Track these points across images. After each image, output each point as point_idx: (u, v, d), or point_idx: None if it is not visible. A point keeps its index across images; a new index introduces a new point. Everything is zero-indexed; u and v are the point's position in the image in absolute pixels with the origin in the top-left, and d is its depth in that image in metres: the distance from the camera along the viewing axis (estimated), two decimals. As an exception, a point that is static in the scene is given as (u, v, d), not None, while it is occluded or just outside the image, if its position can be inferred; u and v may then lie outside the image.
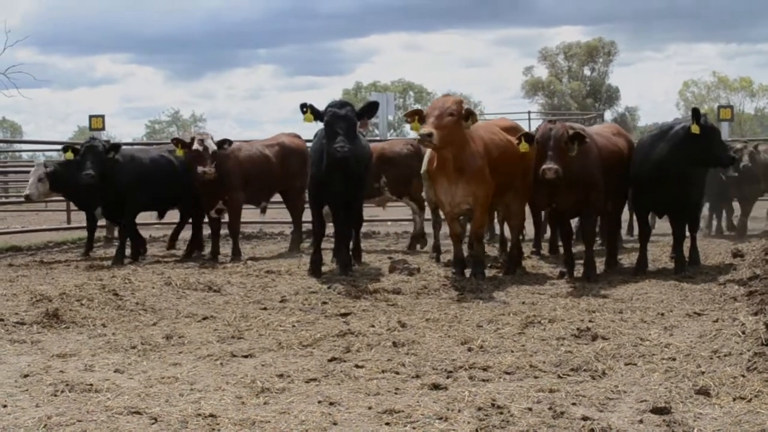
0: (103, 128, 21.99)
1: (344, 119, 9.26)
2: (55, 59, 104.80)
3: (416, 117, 9.03)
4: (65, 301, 7.75)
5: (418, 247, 12.58)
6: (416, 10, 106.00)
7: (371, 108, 9.73)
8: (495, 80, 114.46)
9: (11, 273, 10.50)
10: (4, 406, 4.73)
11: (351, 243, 10.56)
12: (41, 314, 7.18)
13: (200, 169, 10.79)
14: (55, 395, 4.93)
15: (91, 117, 20.32)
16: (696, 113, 9.33)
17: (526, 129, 11.03)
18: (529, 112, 33.28)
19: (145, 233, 13.45)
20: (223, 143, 11.18)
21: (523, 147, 9.08)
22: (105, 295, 8.07)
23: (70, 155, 11.44)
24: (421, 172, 10.31)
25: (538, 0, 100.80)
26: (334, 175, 9.61)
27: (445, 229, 10.91)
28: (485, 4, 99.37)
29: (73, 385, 5.06)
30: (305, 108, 9.65)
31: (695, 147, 9.31)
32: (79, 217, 16.21)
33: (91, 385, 5.08)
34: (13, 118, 77.15)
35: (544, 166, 8.66)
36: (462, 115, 8.82)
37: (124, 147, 12.03)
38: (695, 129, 9.23)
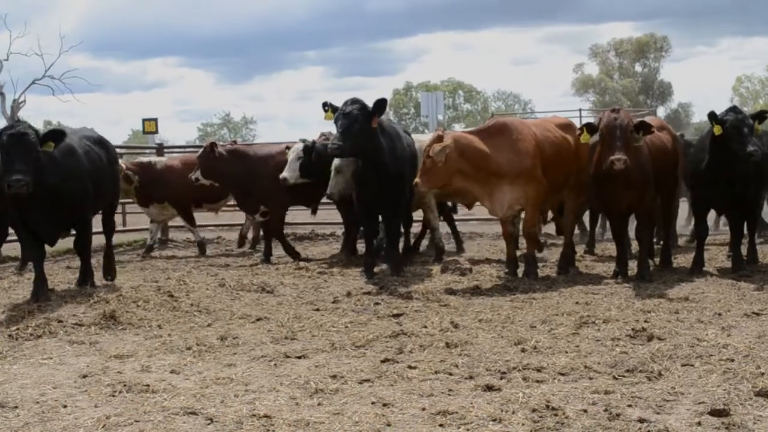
0: (156, 131, 22.41)
1: (346, 116, 9.29)
2: (108, 64, 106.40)
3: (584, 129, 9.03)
4: (122, 303, 7.87)
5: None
6: (463, 8, 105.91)
7: (380, 105, 9.44)
8: (544, 78, 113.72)
9: (69, 275, 10.68)
10: (64, 406, 4.82)
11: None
12: (99, 316, 7.30)
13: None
14: (113, 396, 5.01)
15: (144, 120, 20.70)
16: (712, 116, 9.12)
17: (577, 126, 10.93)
18: (580, 110, 32.87)
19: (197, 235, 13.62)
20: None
21: (585, 138, 8.89)
22: (160, 297, 8.19)
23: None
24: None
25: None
26: (367, 174, 9.67)
27: (492, 228, 10.89)
28: (533, 1, 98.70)
29: (130, 386, 5.14)
30: (326, 107, 9.72)
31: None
32: (134, 220, 16.47)
33: (148, 385, 5.15)
34: (68, 123, 78.51)
35: (613, 157, 8.37)
36: (454, 149, 8.76)
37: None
38: (717, 130, 9.02)
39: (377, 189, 9.73)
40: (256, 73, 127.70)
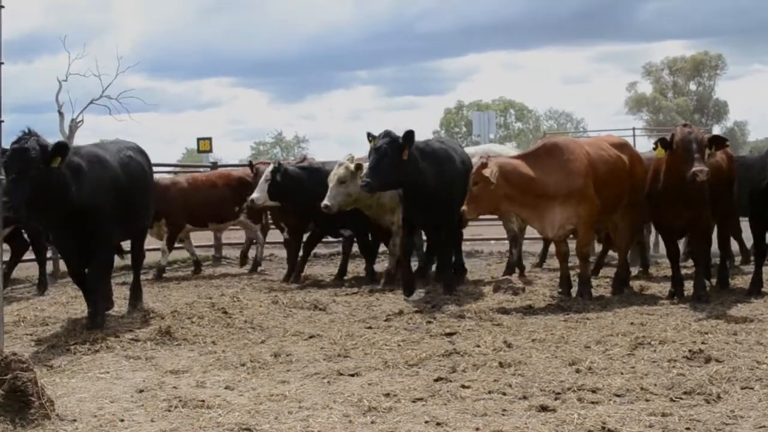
0: (210, 150, 22.68)
1: (376, 151, 9.34)
2: (163, 84, 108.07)
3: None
4: (177, 319, 7.96)
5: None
6: (514, 28, 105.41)
7: (408, 137, 9.33)
8: (596, 97, 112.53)
9: (125, 291, 10.83)
10: (122, 420, 4.89)
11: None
12: (155, 331, 7.40)
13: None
14: (169, 410, 5.06)
15: (199, 140, 20.95)
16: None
17: (632, 146, 10.84)
18: (633, 129, 32.54)
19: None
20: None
21: (660, 153, 8.76)
22: (215, 313, 8.26)
23: None
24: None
25: (638, 15, 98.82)
26: (410, 197, 9.69)
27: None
28: (584, 20, 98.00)
29: (186, 401, 5.19)
30: (370, 137, 9.80)
31: None
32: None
33: (203, 401, 5.20)
34: (124, 142, 79.83)
35: (695, 169, 8.24)
36: (488, 178, 8.65)
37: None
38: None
39: (422, 211, 9.72)
40: (309, 92, 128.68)
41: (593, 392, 5.28)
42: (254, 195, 11.49)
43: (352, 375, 5.92)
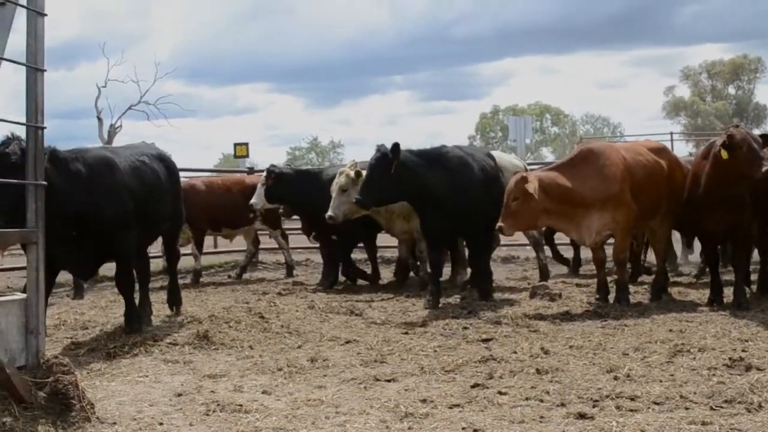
0: (247, 155, 22.82)
1: (368, 167, 9.36)
2: (200, 90, 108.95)
3: None
4: (214, 323, 8.02)
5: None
6: (550, 32, 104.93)
7: (394, 150, 9.10)
8: (633, 101, 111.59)
9: (163, 295, 10.92)
10: (161, 424, 4.93)
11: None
12: (192, 335, 7.46)
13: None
14: (207, 414, 5.10)
15: (236, 145, 21.09)
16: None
17: (670, 150, 10.73)
18: (671, 133, 32.34)
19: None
20: None
21: (724, 154, 8.66)
22: (252, 318, 8.31)
23: None
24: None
25: (676, 18, 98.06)
26: (426, 209, 9.54)
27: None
28: (620, 24, 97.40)
29: (223, 405, 5.22)
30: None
31: None
32: (225, 242, 16.75)
33: (241, 405, 5.22)
34: (162, 147, 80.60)
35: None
36: (531, 192, 8.57)
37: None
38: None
39: (437, 222, 9.51)
40: (344, 97, 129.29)
41: (632, 400, 5.23)
42: (253, 200, 11.82)
43: (389, 380, 5.92)
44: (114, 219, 7.43)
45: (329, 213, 10.49)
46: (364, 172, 10.19)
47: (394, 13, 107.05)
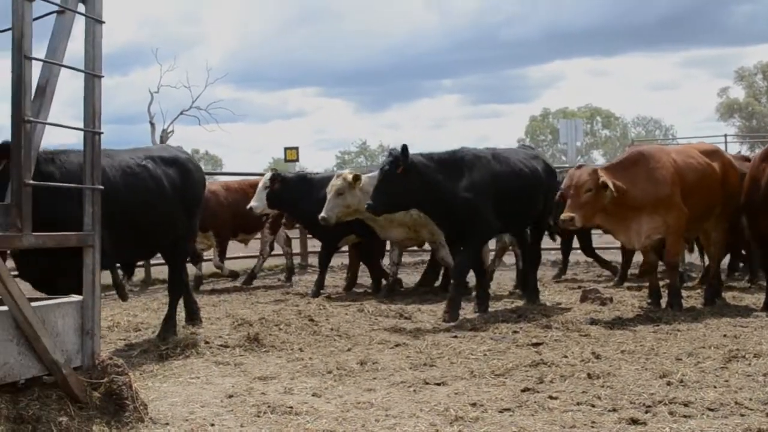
0: (297, 159, 22.93)
1: (380, 172, 9.00)
2: (250, 95, 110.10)
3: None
4: (264, 326, 8.08)
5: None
6: (599, 34, 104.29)
7: (402, 152, 8.70)
8: (686, 102, 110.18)
9: (214, 298, 11.06)
10: (212, 425, 4.97)
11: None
12: (243, 338, 7.52)
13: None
14: (258, 416, 5.13)
15: (286, 149, 21.19)
16: None
17: (724, 152, 10.57)
18: (725, 135, 31.80)
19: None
20: None
21: None
22: (301, 321, 8.37)
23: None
24: None
25: (729, 18, 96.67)
26: (435, 213, 9.25)
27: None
28: (672, 24, 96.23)
29: (274, 407, 5.25)
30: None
31: None
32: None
33: (291, 407, 5.25)
34: (214, 152, 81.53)
35: None
36: (609, 186, 8.48)
37: None
38: None
39: (450, 226, 9.19)
40: (393, 101, 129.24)
41: (685, 406, 5.15)
42: (252, 203, 11.58)
43: (439, 384, 5.91)
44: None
45: (322, 214, 10.46)
46: (363, 176, 10.32)
47: (443, 16, 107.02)
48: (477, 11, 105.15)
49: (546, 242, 11.76)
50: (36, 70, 4.43)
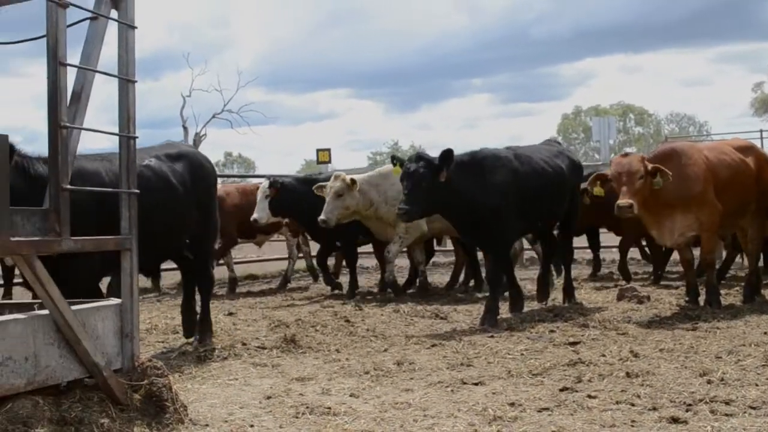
0: (329, 161, 23.03)
1: (411, 176, 8.41)
2: (281, 97, 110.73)
3: (598, 182, 8.86)
4: (301, 327, 8.11)
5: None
6: (631, 31, 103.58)
7: (446, 157, 8.42)
8: (719, 98, 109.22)
9: (250, 300, 11.11)
10: (251, 426, 4.99)
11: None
12: (280, 339, 7.55)
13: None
14: (297, 417, 5.14)
15: (318, 151, 21.29)
16: None
17: (759, 148, 10.45)
18: (761, 131, 31.36)
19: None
20: None
21: None
22: (337, 322, 8.39)
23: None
24: None
25: (763, 12, 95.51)
26: (454, 216, 8.94)
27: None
28: (704, 20, 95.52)
29: (312, 408, 5.25)
30: (395, 161, 9.42)
31: None
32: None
33: (329, 408, 5.25)
34: (247, 154, 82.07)
35: None
36: (651, 171, 8.42)
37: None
38: None
39: (470, 228, 8.95)
40: (424, 101, 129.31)
41: (727, 404, 5.09)
42: (255, 215, 11.32)
43: (476, 384, 5.89)
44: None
45: (322, 217, 10.40)
46: (360, 177, 10.46)
47: (472, 15, 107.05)
48: (507, 10, 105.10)
49: (580, 240, 11.73)
50: (71, 76, 4.47)
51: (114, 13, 4.79)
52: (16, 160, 5.40)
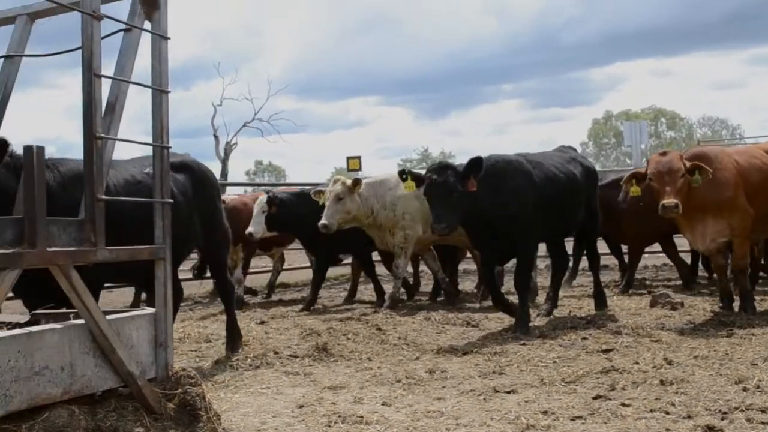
0: (359, 168, 23.04)
1: (441, 187, 8.17)
2: (311, 105, 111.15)
3: (634, 180, 8.77)
4: (332, 336, 8.12)
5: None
6: (661, 34, 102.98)
7: (475, 166, 8.24)
8: (753, 101, 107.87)
9: (281, 308, 11.13)
10: (284, 435, 5.02)
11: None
12: (312, 348, 7.57)
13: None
14: (329, 426, 5.15)
15: (348, 158, 21.32)
16: None
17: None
18: (795, 134, 30.97)
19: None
20: None
21: None
22: (369, 330, 8.39)
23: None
24: None
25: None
26: (468, 223, 8.67)
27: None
28: (736, 22, 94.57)
29: (345, 417, 5.26)
30: (405, 175, 9.05)
31: None
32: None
33: (362, 417, 5.25)
34: (277, 162, 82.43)
35: None
36: (690, 169, 8.34)
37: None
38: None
39: (489, 237, 8.72)
40: (453, 108, 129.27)
41: (763, 412, 5.03)
42: (251, 229, 11.16)
43: (509, 392, 5.87)
44: None
45: (323, 221, 10.26)
46: (363, 181, 10.41)
47: (501, 21, 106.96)
48: (535, 15, 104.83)
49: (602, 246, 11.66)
50: (105, 87, 4.52)
51: (147, 25, 4.83)
52: (7, 161, 5.35)
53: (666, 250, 12.68)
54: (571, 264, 11.20)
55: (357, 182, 10.46)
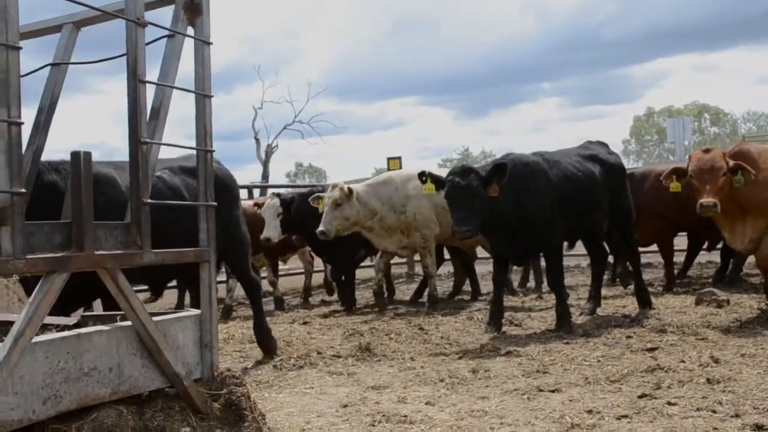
0: (400, 169, 23.07)
1: (463, 191, 8.03)
2: (351, 107, 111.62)
3: (674, 176, 8.63)
4: (375, 336, 8.15)
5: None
6: (703, 29, 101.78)
7: (499, 171, 8.08)
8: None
9: (324, 309, 11.19)
10: (329, 435, 5.05)
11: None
12: (355, 348, 7.61)
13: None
14: (373, 425, 5.17)
15: (389, 159, 21.33)
16: None
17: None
18: (843, 128, 30.38)
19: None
20: None
21: None
22: (411, 330, 8.40)
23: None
24: None
25: None
26: (489, 224, 8.40)
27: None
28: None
29: (389, 416, 5.28)
30: (424, 177, 8.88)
31: None
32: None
33: (406, 416, 5.27)
34: (317, 164, 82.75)
35: None
36: (733, 168, 8.18)
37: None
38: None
39: (505, 236, 8.59)
40: (493, 107, 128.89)
41: (812, 410, 4.98)
42: (267, 233, 11.06)
43: (553, 391, 5.85)
44: None
45: (320, 228, 10.14)
46: (359, 186, 10.36)
47: (539, 19, 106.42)
48: (574, 12, 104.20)
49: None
50: (150, 92, 4.58)
51: (190, 30, 4.89)
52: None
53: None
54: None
55: (352, 191, 10.39)
